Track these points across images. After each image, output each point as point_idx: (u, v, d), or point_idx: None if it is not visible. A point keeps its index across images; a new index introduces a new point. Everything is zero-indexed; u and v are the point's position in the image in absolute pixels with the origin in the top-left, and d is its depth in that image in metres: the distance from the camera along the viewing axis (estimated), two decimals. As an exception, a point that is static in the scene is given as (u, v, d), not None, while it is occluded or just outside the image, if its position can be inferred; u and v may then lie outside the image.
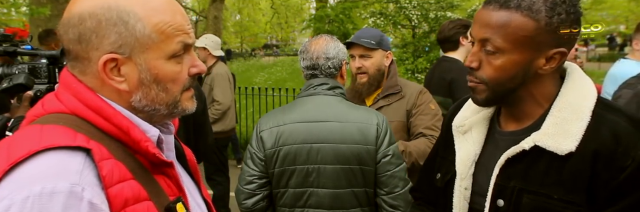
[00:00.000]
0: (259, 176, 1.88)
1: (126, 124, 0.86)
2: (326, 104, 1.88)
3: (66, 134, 0.80)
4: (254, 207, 1.89)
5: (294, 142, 1.83)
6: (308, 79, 1.97)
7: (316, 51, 1.92)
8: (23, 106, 2.07)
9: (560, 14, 1.04)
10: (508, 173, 1.14)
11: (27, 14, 7.71)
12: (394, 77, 2.42)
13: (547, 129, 1.09)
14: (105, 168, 0.79)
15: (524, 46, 1.07)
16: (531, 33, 1.05)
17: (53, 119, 0.85)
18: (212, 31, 13.34)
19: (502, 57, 1.08)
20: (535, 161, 1.10)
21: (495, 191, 1.15)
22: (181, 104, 0.94)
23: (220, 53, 4.66)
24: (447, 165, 1.32)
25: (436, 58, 7.12)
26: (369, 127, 1.83)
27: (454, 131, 1.32)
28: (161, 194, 0.88)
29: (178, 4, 0.94)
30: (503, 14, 1.06)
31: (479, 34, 1.10)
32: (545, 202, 1.07)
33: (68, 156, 0.77)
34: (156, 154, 0.87)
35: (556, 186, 1.06)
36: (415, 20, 7.87)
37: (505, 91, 1.13)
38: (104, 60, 0.84)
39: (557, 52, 1.08)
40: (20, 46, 2.09)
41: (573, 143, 1.05)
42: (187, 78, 0.94)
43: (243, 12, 26.24)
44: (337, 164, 1.82)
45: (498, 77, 1.11)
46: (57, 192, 0.72)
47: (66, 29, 0.86)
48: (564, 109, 1.10)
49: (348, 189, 1.85)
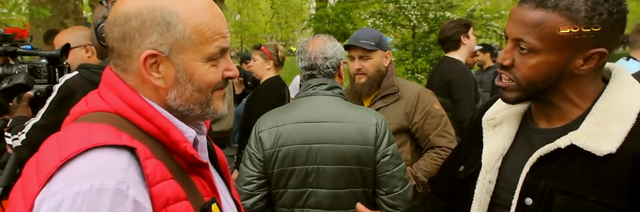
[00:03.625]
0: (258, 176, 1.88)
1: (166, 124, 0.89)
2: (325, 104, 1.88)
3: (112, 133, 0.83)
4: (252, 208, 1.89)
5: (293, 142, 1.84)
6: (306, 80, 1.97)
7: (314, 51, 1.92)
8: (22, 105, 2.08)
9: (602, 13, 1.00)
10: (539, 171, 1.10)
11: (27, 14, 7.71)
12: (390, 77, 2.42)
13: (586, 128, 1.05)
14: (149, 167, 0.81)
15: (560, 46, 1.03)
16: (569, 34, 1.01)
17: (98, 118, 0.88)
18: (212, 31, 13.30)
19: (537, 57, 1.05)
20: (570, 161, 1.06)
21: (524, 188, 1.12)
22: (213, 102, 0.97)
23: None
24: (472, 158, 1.30)
25: (436, 58, 7.13)
26: (368, 127, 1.84)
27: (483, 124, 1.29)
28: (197, 195, 0.90)
29: (218, 7, 0.97)
30: (540, 13, 1.02)
31: (512, 32, 1.07)
32: (581, 204, 1.02)
33: (115, 154, 0.80)
34: (194, 154, 0.90)
35: (593, 187, 1.01)
36: (414, 20, 7.88)
37: (538, 91, 1.10)
38: (145, 55, 0.88)
39: (596, 52, 1.03)
40: (20, 46, 2.09)
41: (613, 144, 1.00)
42: (220, 80, 0.96)
43: (243, 12, 26.24)
44: (337, 164, 1.82)
45: (532, 76, 1.07)
46: (104, 189, 0.75)
47: (112, 28, 0.90)
48: (607, 109, 1.05)
49: (347, 190, 1.85)
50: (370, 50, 2.32)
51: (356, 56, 2.36)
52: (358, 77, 2.37)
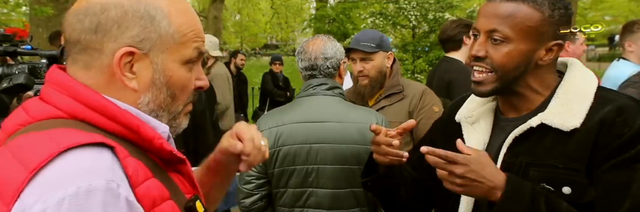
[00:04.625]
0: (257, 176, 1.88)
1: (135, 122, 0.80)
2: (325, 104, 1.88)
3: (81, 133, 0.74)
4: (251, 207, 1.90)
5: (293, 142, 1.84)
6: (307, 80, 1.97)
7: (314, 52, 1.92)
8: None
9: (560, 8, 1.16)
10: (515, 151, 1.21)
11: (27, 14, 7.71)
12: (395, 76, 2.41)
13: (553, 109, 1.18)
14: (130, 166, 0.74)
15: (528, 36, 1.16)
16: (536, 24, 1.15)
17: (48, 125, 0.77)
18: (212, 31, 13.35)
19: (509, 46, 1.16)
20: (541, 138, 1.18)
21: (503, 168, 1.19)
22: (180, 116, 0.91)
23: (218, 53, 4.67)
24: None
25: (436, 58, 7.13)
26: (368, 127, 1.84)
27: (462, 122, 1.37)
28: (179, 193, 0.85)
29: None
30: (510, 5, 1.16)
31: (485, 25, 1.18)
32: (551, 173, 1.14)
33: (96, 151, 0.72)
34: (172, 150, 0.84)
35: (561, 157, 1.14)
36: (414, 20, 7.88)
37: (511, 80, 1.20)
38: (121, 52, 0.79)
39: (555, 44, 1.18)
40: (20, 46, 2.09)
41: (578, 120, 1.13)
42: (192, 89, 0.91)
43: (243, 12, 26.22)
44: (337, 164, 1.82)
45: (506, 64, 1.17)
46: (94, 190, 0.67)
47: (81, 18, 0.80)
48: (569, 91, 1.19)
49: (347, 189, 1.85)
50: (371, 52, 2.31)
51: (358, 58, 2.35)
52: (360, 79, 2.37)
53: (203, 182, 1.07)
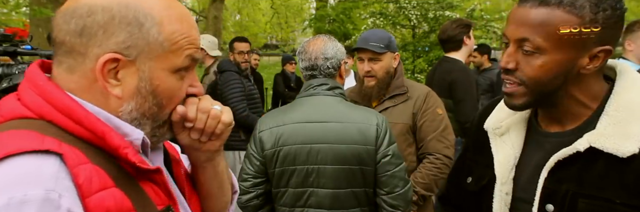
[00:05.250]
0: (254, 175, 1.90)
1: (100, 128, 0.76)
2: (326, 105, 1.88)
3: (32, 138, 0.71)
4: (246, 204, 1.92)
5: (293, 142, 1.84)
6: (307, 80, 1.97)
7: (314, 52, 1.92)
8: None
9: (606, 9, 0.97)
10: (558, 176, 1.05)
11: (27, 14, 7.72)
12: (400, 77, 2.40)
13: (603, 129, 1.00)
14: (81, 175, 0.70)
15: (567, 45, 0.99)
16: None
17: (14, 125, 0.74)
18: (212, 31, 13.36)
19: (543, 57, 1.00)
20: (591, 163, 1.01)
21: (544, 195, 1.06)
22: (165, 126, 0.87)
23: (217, 53, 4.65)
24: (481, 169, 1.24)
25: (436, 58, 7.12)
26: (369, 127, 1.83)
27: (490, 133, 1.23)
28: (147, 204, 0.79)
29: (194, 20, 0.90)
30: (543, 11, 0.99)
31: (515, 33, 1.03)
32: (606, 207, 0.98)
33: (38, 159, 0.68)
34: (136, 163, 0.77)
35: (618, 190, 0.97)
36: (414, 20, 7.87)
37: (545, 93, 1.05)
38: (105, 59, 0.76)
39: (601, 50, 1.00)
40: (20, 46, 2.09)
41: (636, 144, 0.96)
42: (182, 98, 0.87)
43: (243, 12, 26.21)
44: (337, 164, 1.82)
45: (539, 78, 1.02)
46: (27, 201, 0.63)
47: (67, 19, 0.78)
48: (623, 109, 1.01)
49: (348, 190, 1.85)
50: (380, 53, 2.30)
51: (366, 58, 2.33)
52: (367, 79, 2.35)
53: (197, 180, 1.03)
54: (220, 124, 0.91)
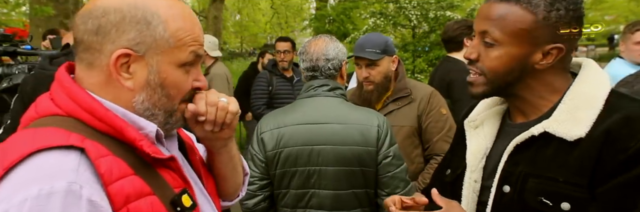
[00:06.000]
0: (260, 177, 1.88)
1: (119, 123, 0.86)
2: (327, 106, 1.88)
3: (59, 135, 0.81)
4: (254, 208, 1.89)
5: (295, 144, 1.83)
6: (308, 80, 1.97)
7: (316, 52, 1.91)
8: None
9: (559, 9, 1.06)
10: (516, 159, 1.14)
11: (27, 14, 7.71)
12: (402, 79, 2.39)
13: (557, 116, 1.10)
14: (103, 166, 0.79)
15: (520, 39, 1.08)
16: (528, 26, 1.07)
17: (47, 122, 0.85)
18: (212, 31, 13.35)
19: (500, 49, 1.10)
20: (544, 147, 1.10)
21: (502, 177, 1.15)
22: (177, 114, 0.96)
23: (217, 54, 4.66)
24: (457, 161, 1.32)
25: (436, 58, 7.12)
26: (370, 128, 1.83)
27: (466, 126, 1.32)
28: (165, 188, 0.89)
29: (197, 19, 0.97)
30: (503, 7, 1.09)
31: (479, 26, 1.13)
32: (550, 186, 1.07)
33: (62, 155, 0.77)
34: (150, 153, 0.87)
35: (562, 169, 1.06)
36: (414, 20, 7.86)
37: (503, 85, 1.15)
38: (118, 54, 0.86)
39: (553, 48, 1.09)
40: (20, 46, 2.10)
41: (583, 129, 1.04)
42: (189, 90, 0.96)
43: (243, 12, 26.21)
44: (338, 165, 1.82)
45: (497, 69, 1.12)
46: (54, 193, 0.72)
47: (85, 20, 0.88)
48: (576, 97, 1.10)
49: (349, 191, 1.85)
50: (376, 59, 2.29)
51: (363, 64, 2.33)
52: (366, 84, 2.35)
53: (213, 165, 1.15)
54: (229, 114, 1.02)
